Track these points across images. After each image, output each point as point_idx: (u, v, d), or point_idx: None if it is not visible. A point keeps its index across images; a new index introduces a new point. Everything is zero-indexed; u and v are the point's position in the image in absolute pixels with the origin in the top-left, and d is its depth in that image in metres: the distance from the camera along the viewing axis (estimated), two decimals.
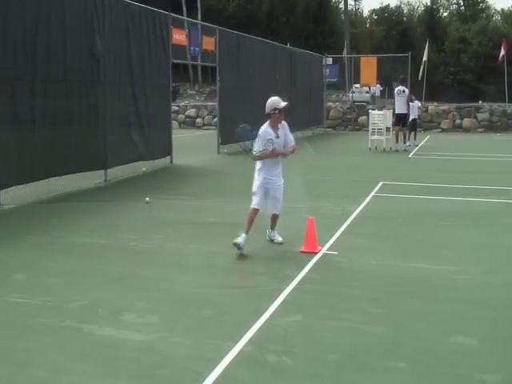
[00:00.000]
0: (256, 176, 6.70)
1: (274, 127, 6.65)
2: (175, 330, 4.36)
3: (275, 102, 6.61)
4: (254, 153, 6.60)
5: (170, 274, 5.73)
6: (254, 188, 6.68)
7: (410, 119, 19.09)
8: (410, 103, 18.87)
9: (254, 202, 6.62)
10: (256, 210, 6.61)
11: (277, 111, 6.58)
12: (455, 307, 4.89)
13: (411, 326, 4.46)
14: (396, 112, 18.45)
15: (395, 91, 18.63)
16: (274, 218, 6.88)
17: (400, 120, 18.45)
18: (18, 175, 9.26)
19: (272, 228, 6.96)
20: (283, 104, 6.60)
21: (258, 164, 6.70)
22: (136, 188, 11.00)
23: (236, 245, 6.35)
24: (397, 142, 18.58)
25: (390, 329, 4.41)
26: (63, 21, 10.16)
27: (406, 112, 18.42)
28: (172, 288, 5.33)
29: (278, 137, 6.63)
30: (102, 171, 11.52)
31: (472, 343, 4.18)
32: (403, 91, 18.30)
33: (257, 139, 6.60)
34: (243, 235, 6.43)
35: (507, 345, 4.15)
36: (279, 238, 6.89)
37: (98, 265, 6.03)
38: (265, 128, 6.65)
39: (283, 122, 6.73)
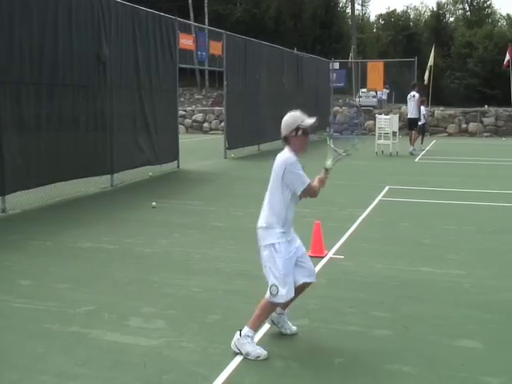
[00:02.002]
0: (278, 252, 4.17)
1: (299, 155, 4.27)
2: (182, 335, 4.37)
3: (297, 118, 4.22)
4: (305, 187, 4.30)
5: (177, 279, 5.74)
6: (280, 266, 4.13)
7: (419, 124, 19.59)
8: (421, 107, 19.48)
9: (289, 294, 4.13)
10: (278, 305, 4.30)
11: (300, 132, 4.21)
12: (460, 311, 4.88)
13: (416, 330, 4.46)
14: (408, 117, 19.31)
15: (407, 97, 19.28)
16: (305, 287, 4.38)
17: (412, 124, 19.23)
18: (24, 180, 9.30)
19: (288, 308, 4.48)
20: (309, 121, 4.25)
21: (278, 224, 4.27)
22: (142, 193, 11.03)
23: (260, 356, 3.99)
24: (411, 144, 19.19)
25: (395, 332, 4.41)
26: (70, 25, 10.22)
27: (417, 116, 19.10)
28: (178, 293, 5.35)
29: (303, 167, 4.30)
30: (109, 176, 11.56)
31: (477, 346, 4.17)
32: (413, 96, 18.96)
33: (294, 171, 4.18)
34: (250, 339, 4.09)
35: (511, 348, 4.15)
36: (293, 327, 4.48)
37: (104, 270, 6.05)
38: (292, 158, 4.20)
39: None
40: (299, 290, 4.30)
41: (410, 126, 19.48)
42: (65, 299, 5.15)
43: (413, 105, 19.03)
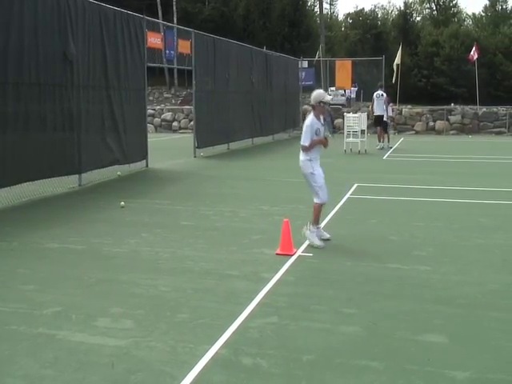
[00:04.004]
0: (311, 170, 7.08)
1: (318, 118, 7.04)
2: (150, 335, 4.36)
3: (321, 95, 7.01)
4: (303, 144, 6.95)
5: (145, 279, 5.72)
6: (319, 182, 7.10)
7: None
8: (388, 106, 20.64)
9: (324, 197, 7.10)
10: (323, 205, 7.18)
11: (321, 104, 6.97)
12: (426, 306, 4.96)
13: (384, 326, 4.52)
14: (375, 114, 20.24)
15: (374, 95, 20.38)
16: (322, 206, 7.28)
17: (379, 121, 20.23)
18: None
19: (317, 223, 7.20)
20: (328, 98, 7.10)
21: (307, 156, 7.05)
22: (111, 192, 10.94)
23: (319, 247, 6.83)
24: (379, 141, 20.30)
25: (363, 328, 4.46)
26: (36, 23, 10.08)
27: (383, 114, 20.16)
28: (147, 292, 5.32)
29: (323, 125, 7.08)
30: (77, 176, 11.44)
31: (442, 341, 4.25)
32: (382, 95, 20.12)
33: (305, 131, 6.94)
34: (315, 233, 6.96)
35: (476, 342, 4.23)
36: (327, 234, 7.21)
37: (71, 270, 5.99)
38: (311, 119, 6.98)
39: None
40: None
41: (377, 123, 20.33)
42: (32, 301, 5.09)
43: (380, 103, 20.07)
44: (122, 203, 9.31)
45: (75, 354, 4.01)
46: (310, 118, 7.01)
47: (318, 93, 7.04)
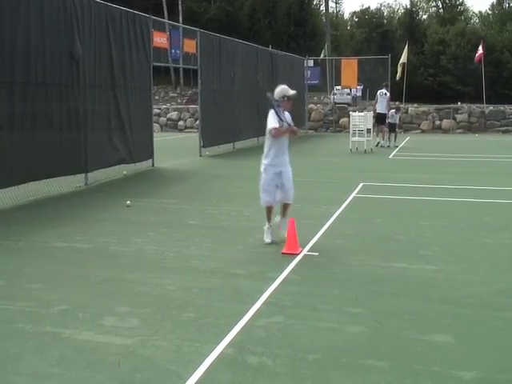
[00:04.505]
0: (263, 175, 6.97)
1: (282, 113, 6.91)
2: (156, 333, 4.36)
3: (284, 89, 6.92)
4: (270, 130, 6.83)
5: (151, 278, 5.73)
6: (264, 185, 6.95)
7: (389, 122, 20.79)
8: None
9: (265, 200, 6.97)
10: (271, 208, 7.02)
11: (285, 98, 6.89)
12: (433, 306, 4.94)
13: (390, 325, 4.51)
14: (377, 111, 20.46)
15: (378, 93, 20.72)
16: (286, 206, 7.17)
17: (381, 119, 20.45)
18: None
19: (284, 215, 7.15)
20: (292, 92, 6.96)
21: (265, 164, 6.96)
22: (117, 192, 10.96)
23: (268, 243, 6.87)
24: (383, 139, 20.67)
25: (369, 328, 4.46)
26: (42, 23, 10.11)
27: (386, 112, 20.47)
28: (153, 291, 5.33)
29: (284, 120, 6.88)
30: (83, 175, 11.46)
31: (449, 341, 4.23)
32: (385, 94, 20.45)
33: (269, 118, 6.85)
34: (266, 227, 6.96)
35: (483, 342, 4.22)
36: (284, 234, 6.85)
37: (77, 269, 6.01)
38: (272, 111, 6.89)
39: (287, 113, 6.99)
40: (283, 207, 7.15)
41: (378, 120, 20.53)
42: (38, 299, 5.11)
43: (383, 102, 20.40)
44: (128, 202, 9.33)
45: (82, 353, 4.03)
46: (272, 111, 6.89)
47: (281, 88, 6.95)
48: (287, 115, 7.01)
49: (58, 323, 4.56)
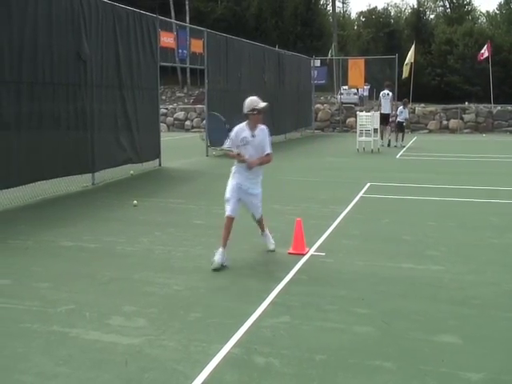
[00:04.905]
0: (229, 180, 6.39)
1: (252, 129, 6.14)
2: (163, 333, 4.37)
3: (253, 101, 6.11)
4: (222, 148, 6.42)
5: (158, 277, 5.73)
6: (227, 194, 6.30)
7: (398, 121, 20.91)
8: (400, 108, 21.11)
9: (228, 209, 6.20)
10: (230, 219, 6.17)
11: (255, 112, 6.05)
12: (440, 306, 4.93)
13: (397, 326, 4.50)
14: (381, 112, 20.56)
15: (381, 94, 21.22)
16: (258, 222, 6.71)
17: (386, 119, 20.64)
18: (4, 179, 9.21)
19: (262, 230, 6.73)
20: (262, 105, 6.11)
21: (233, 168, 6.39)
22: (124, 191, 10.98)
23: (214, 269, 5.88)
24: (382, 138, 20.77)
25: (376, 328, 4.45)
26: (50, 23, 10.14)
27: (390, 112, 20.93)
28: (160, 291, 5.34)
29: (253, 136, 6.12)
30: (90, 174, 11.49)
31: (456, 342, 4.22)
32: (388, 94, 20.85)
33: (230, 136, 6.21)
34: (220, 250, 6.01)
35: (491, 343, 4.20)
36: (271, 246, 6.61)
37: (85, 269, 6.02)
38: (240, 126, 6.20)
39: (262, 127, 6.19)
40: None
41: (383, 121, 20.53)
42: (45, 298, 5.12)
43: (387, 102, 20.81)
44: (135, 202, 9.34)
45: (89, 352, 4.03)
46: (240, 125, 6.20)
47: (250, 99, 6.13)
48: (260, 130, 6.17)
49: (66, 322, 4.57)
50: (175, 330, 4.42)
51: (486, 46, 32.43)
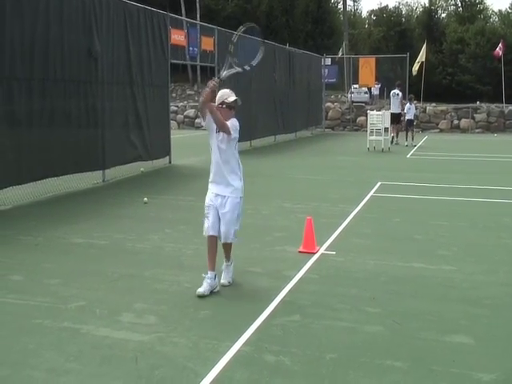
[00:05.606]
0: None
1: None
2: (173, 330, 4.36)
3: (224, 94, 5.42)
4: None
5: (169, 275, 5.74)
6: (205, 209, 5.52)
7: (407, 119, 21.00)
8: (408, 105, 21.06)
9: (205, 227, 5.38)
10: (211, 238, 5.30)
11: (224, 106, 5.35)
12: (452, 306, 4.90)
13: (408, 325, 4.47)
14: (391, 111, 20.67)
15: (391, 94, 21.44)
16: (225, 247, 5.45)
17: (394, 119, 20.67)
18: (16, 176, 9.26)
19: (226, 259, 5.50)
20: (232, 98, 5.42)
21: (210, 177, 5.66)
22: (134, 188, 11.00)
23: (199, 297, 5.04)
24: (397, 137, 20.98)
25: (387, 328, 4.42)
26: (61, 20, 10.16)
27: (400, 111, 20.91)
28: (170, 288, 5.34)
29: (218, 132, 5.47)
30: (101, 171, 11.52)
31: (468, 342, 4.19)
32: (397, 94, 20.94)
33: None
34: (208, 275, 5.17)
35: (503, 343, 4.16)
36: (226, 281, 5.40)
37: (95, 265, 6.03)
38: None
39: (233, 120, 5.41)
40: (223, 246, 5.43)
41: (393, 120, 20.59)
42: (56, 295, 5.13)
43: (396, 102, 20.92)
44: (146, 199, 9.36)
45: (99, 349, 4.04)
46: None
47: (221, 92, 5.46)
48: (234, 124, 5.42)
49: (76, 319, 4.58)
50: (185, 328, 4.42)
51: (500, 44, 32.24)
